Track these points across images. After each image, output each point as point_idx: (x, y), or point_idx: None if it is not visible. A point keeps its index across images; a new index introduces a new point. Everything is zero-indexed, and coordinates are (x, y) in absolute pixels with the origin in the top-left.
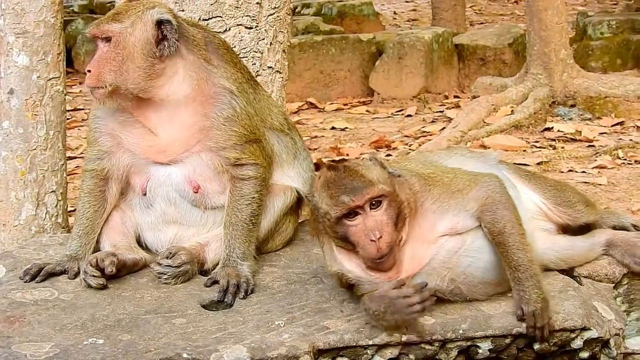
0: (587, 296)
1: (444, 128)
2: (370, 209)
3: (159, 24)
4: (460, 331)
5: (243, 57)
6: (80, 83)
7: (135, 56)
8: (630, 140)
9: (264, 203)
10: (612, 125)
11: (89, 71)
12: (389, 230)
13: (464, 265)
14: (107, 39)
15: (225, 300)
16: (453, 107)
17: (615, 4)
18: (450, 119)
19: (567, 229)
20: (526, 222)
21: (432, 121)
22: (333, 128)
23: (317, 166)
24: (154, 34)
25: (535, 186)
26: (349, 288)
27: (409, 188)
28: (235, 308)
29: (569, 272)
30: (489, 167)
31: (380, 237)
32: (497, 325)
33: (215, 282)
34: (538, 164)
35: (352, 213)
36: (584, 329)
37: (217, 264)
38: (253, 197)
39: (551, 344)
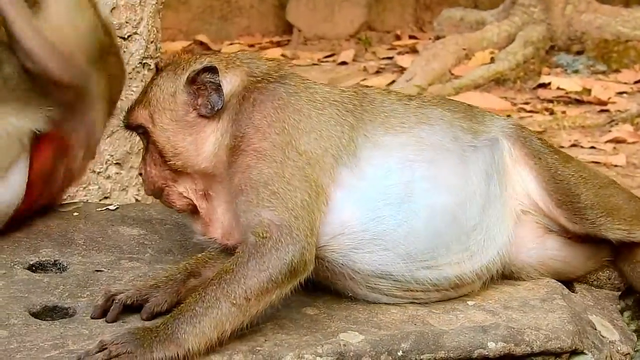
0: (580, 307)
1: (393, 81)
2: None
3: None
4: (400, 352)
5: None
6: None
7: None
8: None
9: None
10: (636, 82)
11: None
12: None
13: None
14: None
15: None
16: (407, 52)
17: None
18: (403, 69)
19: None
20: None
21: (377, 71)
22: None
23: None
24: None
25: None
26: None
27: None
28: (78, 317)
29: None
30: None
31: None
32: (451, 345)
33: None
34: None
35: None
36: (575, 352)
37: None
38: None
39: None
